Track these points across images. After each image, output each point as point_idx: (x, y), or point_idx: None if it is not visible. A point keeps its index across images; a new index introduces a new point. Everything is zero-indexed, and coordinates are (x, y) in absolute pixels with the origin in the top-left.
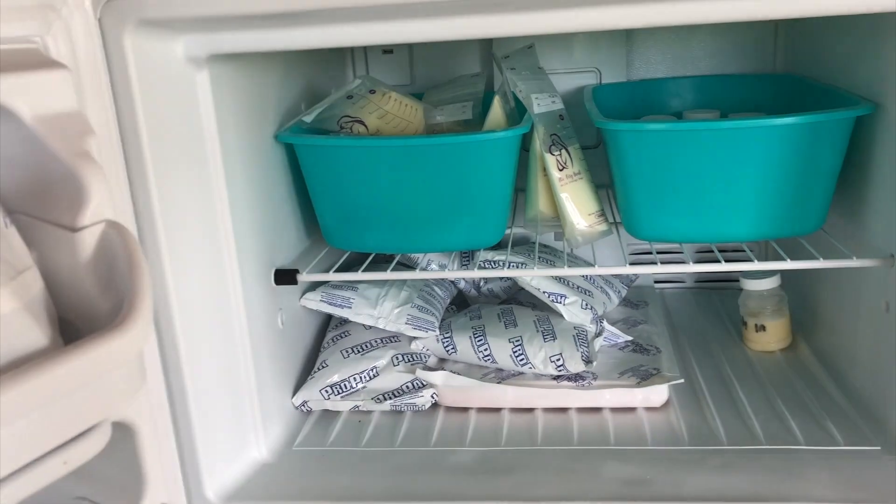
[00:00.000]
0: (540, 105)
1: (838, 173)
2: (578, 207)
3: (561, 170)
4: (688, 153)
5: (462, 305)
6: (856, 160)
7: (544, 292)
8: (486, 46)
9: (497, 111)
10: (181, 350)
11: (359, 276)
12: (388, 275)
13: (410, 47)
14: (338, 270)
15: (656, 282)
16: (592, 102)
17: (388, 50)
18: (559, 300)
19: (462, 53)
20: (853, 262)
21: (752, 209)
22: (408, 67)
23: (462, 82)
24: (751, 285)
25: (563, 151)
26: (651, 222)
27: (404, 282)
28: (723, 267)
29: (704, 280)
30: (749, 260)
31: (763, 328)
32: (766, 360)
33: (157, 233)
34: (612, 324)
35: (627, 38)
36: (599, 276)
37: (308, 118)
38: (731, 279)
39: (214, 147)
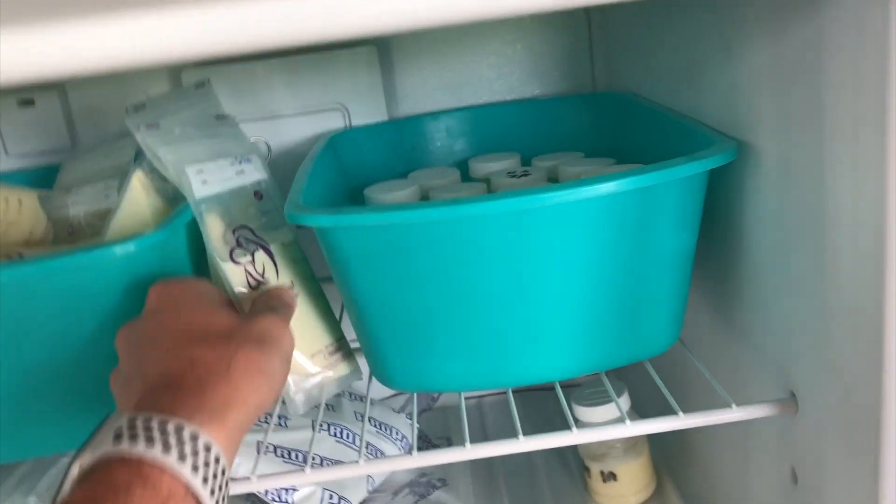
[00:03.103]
0: (208, 182)
1: (693, 258)
2: (297, 344)
3: (255, 287)
4: (439, 254)
5: None
6: (719, 233)
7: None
8: (178, 81)
9: (136, 198)
10: None
11: None
12: None
13: (64, 93)
14: None
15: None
16: (309, 165)
17: (27, 100)
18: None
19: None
20: (734, 414)
21: (559, 334)
22: (62, 124)
23: (109, 145)
24: (586, 415)
25: (260, 253)
26: (403, 366)
27: None
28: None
29: None
30: None
31: (613, 476)
32: None
33: None
34: (398, 490)
35: (383, 59)
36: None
37: None
38: None
39: None
